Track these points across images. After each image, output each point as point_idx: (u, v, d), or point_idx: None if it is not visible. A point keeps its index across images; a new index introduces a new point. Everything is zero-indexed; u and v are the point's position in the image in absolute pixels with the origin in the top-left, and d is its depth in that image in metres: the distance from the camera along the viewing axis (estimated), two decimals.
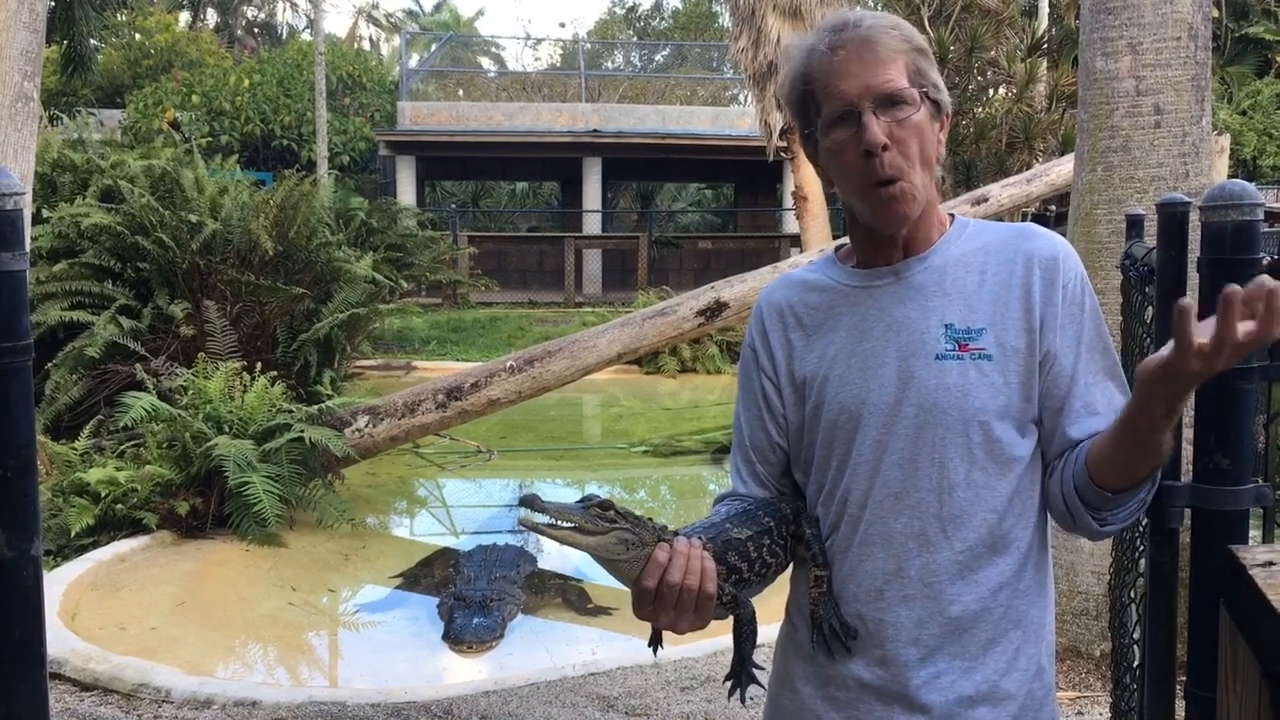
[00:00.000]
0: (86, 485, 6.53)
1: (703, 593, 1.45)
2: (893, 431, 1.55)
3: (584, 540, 1.40)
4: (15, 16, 6.39)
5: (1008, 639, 1.57)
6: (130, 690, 4.50)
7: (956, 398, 1.53)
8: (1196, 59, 4.29)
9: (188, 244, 8.53)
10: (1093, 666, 4.38)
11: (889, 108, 1.51)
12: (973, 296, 1.56)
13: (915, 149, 1.52)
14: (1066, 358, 1.54)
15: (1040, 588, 1.60)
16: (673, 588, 1.44)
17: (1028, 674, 1.58)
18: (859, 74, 1.51)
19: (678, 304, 8.51)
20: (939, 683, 1.55)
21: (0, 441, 1.35)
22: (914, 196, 1.53)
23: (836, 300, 1.64)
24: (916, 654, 1.55)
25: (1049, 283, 1.54)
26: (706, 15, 38.24)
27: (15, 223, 1.37)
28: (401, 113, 23.89)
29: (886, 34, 1.53)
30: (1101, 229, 4.41)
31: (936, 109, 1.56)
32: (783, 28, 14.47)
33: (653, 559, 1.44)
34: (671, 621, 1.47)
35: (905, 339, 1.56)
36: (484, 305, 19.18)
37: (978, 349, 1.54)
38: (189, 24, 35.00)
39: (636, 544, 1.43)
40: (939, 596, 1.55)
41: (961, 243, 1.61)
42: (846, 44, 1.53)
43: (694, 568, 1.45)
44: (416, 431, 7.99)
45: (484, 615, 5.60)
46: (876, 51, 1.52)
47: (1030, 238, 1.59)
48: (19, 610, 1.39)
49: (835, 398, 1.59)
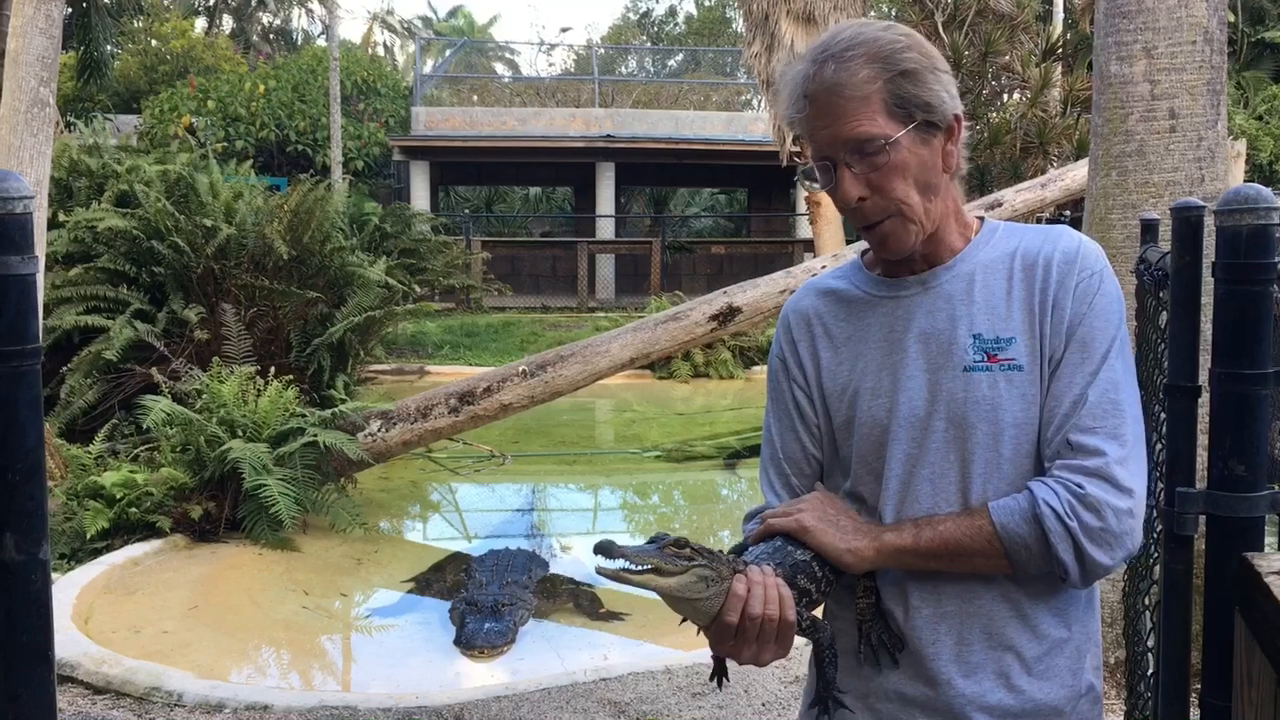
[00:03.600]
0: (101, 489, 6.55)
1: (784, 621, 1.42)
2: (924, 445, 1.53)
3: (664, 582, 1.36)
4: (32, 22, 6.43)
5: (1049, 655, 1.53)
6: (142, 694, 4.50)
7: (987, 410, 1.50)
8: (1212, 63, 4.26)
9: (203, 249, 8.56)
10: (1108, 674, 4.35)
11: (862, 156, 1.48)
12: (1001, 304, 1.53)
13: (900, 187, 1.49)
14: (1065, 358, 1.50)
15: (1082, 601, 1.57)
16: (755, 620, 1.40)
17: (1075, 689, 1.55)
18: (828, 125, 1.49)
19: (690, 309, 8.50)
20: (984, 699, 1.53)
21: (8, 445, 1.35)
22: (907, 230, 1.52)
23: (864, 310, 1.61)
24: (959, 670, 1.53)
25: (1062, 285, 1.51)
26: (720, 21, 38.31)
27: (25, 226, 1.37)
28: (415, 118, 23.95)
29: (856, 73, 1.47)
30: (1116, 234, 4.38)
31: (931, 127, 1.51)
32: (796, 33, 14.46)
33: (732, 593, 1.40)
34: (754, 655, 1.43)
35: (934, 350, 1.54)
36: (497, 310, 19.21)
37: (1007, 359, 1.50)
38: (205, 30, 35.20)
39: (715, 579, 1.39)
40: (977, 613, 1.52)
41: (990, 248, 1.57)
42: (815, 94, 1.50)
43: (772, 596, 1.41)
44: (429, 436, 8.00)
45: (496, 620, 5.60)
46: (843, 97, 1.48)
47: (1056, 239, 1.55)
48: (27, 614, 1.38)
49: (866, 411, 1.57)
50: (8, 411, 1.35)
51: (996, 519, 1.46)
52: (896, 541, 1.49)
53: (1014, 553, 1.46)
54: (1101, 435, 1.45)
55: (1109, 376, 1.48)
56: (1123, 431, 1.46)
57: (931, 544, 1.48)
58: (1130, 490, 1.45)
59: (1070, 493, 1.43)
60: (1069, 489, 1.44)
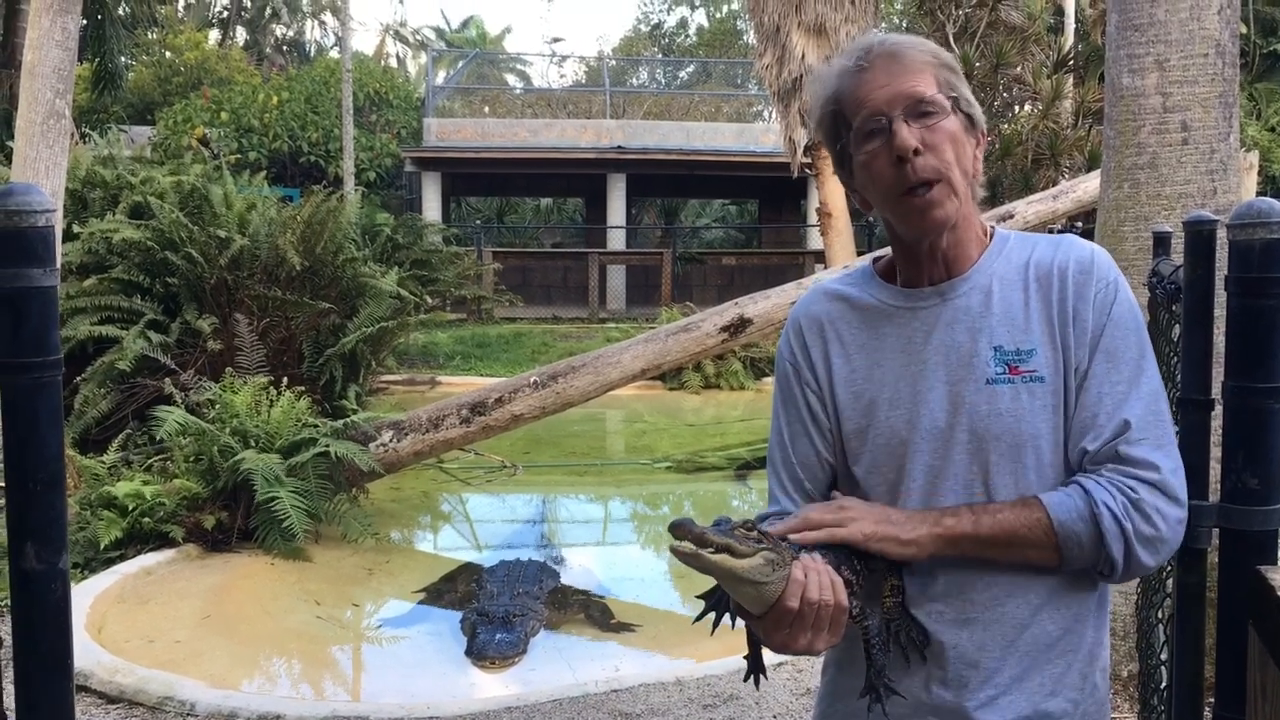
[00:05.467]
0: (114, 499, 6.58)
1: (839, 607, 1.44)
2: (948, 458, 1.54)
3: (737, 564, 1.36)
4: (48, 35, 6.48)
5: (1065, 660, 1.56)
6: (155, 703, 4.52)
7: (1010, 423, 1.51)
8: (1224, 75, 4.26)
9: (216, 259, 8.60)
10: (1120, 688, 4.34)
11: (919, 116, 1.51)
12: (1019, 316, 1.54)
13: (950, 154, 1.51)
14: (1091, 369, 1.51)
15: (1096, 607, 1.59)
16: (813, 606, 1.42)
17: (1084, 693, 1.58)
18: (886, 84, 1.52)
19: (701, 320, 8.51)
20: (997, 703, 1.54)
21: (29, 456, 1.37)
22: (949, 200, 1.52)
23: (879, 320, 1.62)
24: (977, 676, 1.55)
25: (1080, 295, 1.52)
26: (731, 32, 38.36)
27: (47, 239, 1.39)
28: (427, 129, 24.03)
29: (914, 48, 1.55)
30: (1128, 246, 4.38)
31: (970, 122, 1.56)
32: (807, 45, 14.49)
33: (792, 578, 1.41)
34: (809, 642, 1.44)
35: (954, 363, 1.55)
36: (508, 321, 19.23)
37: (1028, 371, 1.52)
38: (218, 42, 35.39)
39: (780, 564, 1.40)
40: (1000, 619, 1.54)
41: (1004, 259, 1.59)
42: (873, 60, 1.54)
43: (826, 583, 1.43)
44: (441, 446, 8.01)
45: (507, 631, 5.60)
46: (903, 63, 1.53)
47: (1068, 249, 1.57)
48: (46, 623, 1.40)
49: (885, 422, 1.58)
50: (29, 422, 1.37)
51: (1054, 514, 1.48)
52: (957, 527, 1.50)
53: (1067, 548, 1.48)
54: (1149, 446, 1.48)
55: (1150, 387, 1.51)
56: (1169, 441, 1.50)
57: (992, 531, 1.49)
58: (1182, 500, 1.49)
59: (1126, 497, 1.46)
60: (1124, 493, 1.46)
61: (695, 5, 42.85)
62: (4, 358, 1.36)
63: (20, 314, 1.36)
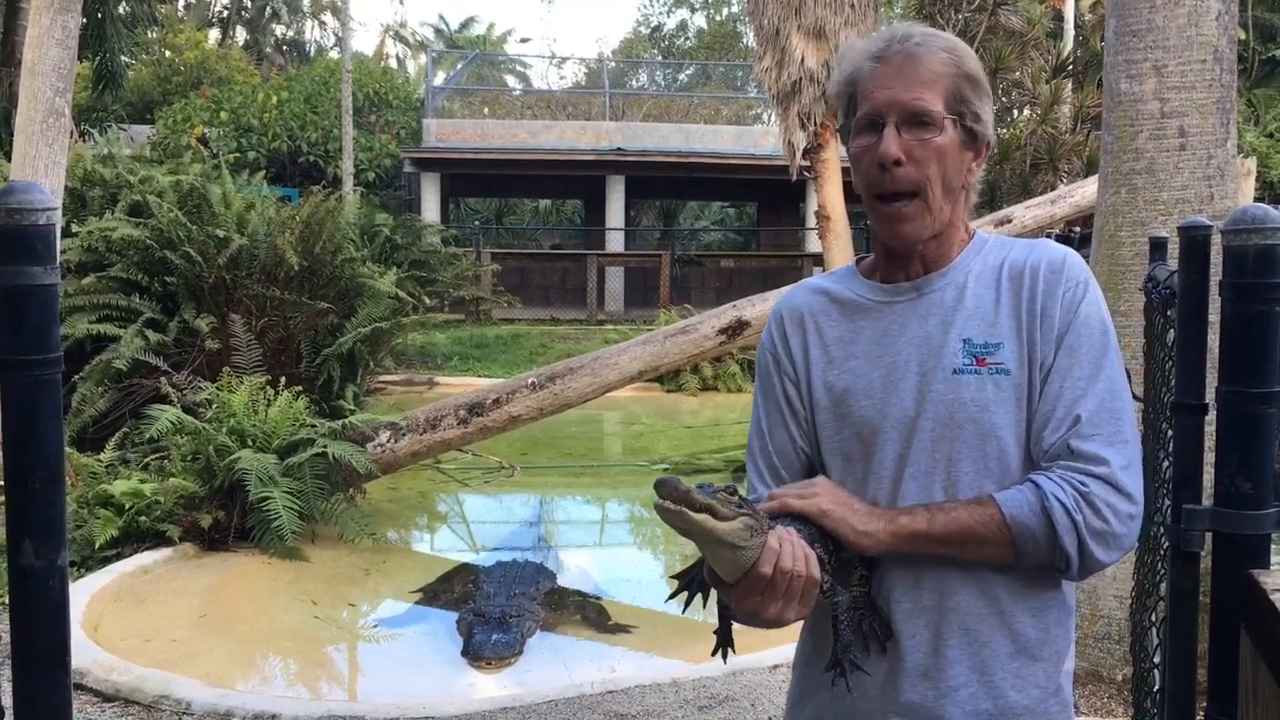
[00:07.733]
0: (111, 497, 6.58)
1: (810, 579, 1.46)
2: (912, 445, 1.57)
3: (718, 525, 1.38)
4: (48, 33, 6.48)
5: (1028, 655, 1.57)
6: (151, 702, 4.52)
7: (974, 412, 1.54)
8: (1222, 81, 4.28)
9: (214, 259, 8.60)
10: (1114, 691, 4.35)
11: (914, 126, 1.54)
12: (990, 311, 1.57)
13: (934, 170, 1.54)
14: (1054, 365, 1.54)
15: (1058, 605, 1.61)
16: (786, 575, 1.44)
17: (1045, 691, 1.59)
18: (893, 86, 1.55)
19: (699, 322, 8.52)
20: (956, 696, 1.56)
21: (29, 453, 1.37)
22: (921, 216, 1.56)
23: (858, 314, 1.66)
24: (936, 666, 1.56)
25: (1050, 294, 1.55)
26: (731, 35, 38.38)
27: (48, 238, 1.39)
28: (427, 130, 24.02)
29: (935, 55, 1.56)
30: (1125, 251, 4.39)
31: (971, 137, 1.58)
32: (806, 48, 14.48)
33: (767, 546, 1.43)
34: (779, 611, 1.46)
35: (925, 354, 1.58)
36: (506, 322, 19.22)
37: (995, 363, 1.55)
38: (218, 41, 35.41)
39: (758, 530, 1.43)
40: (957, 610, 1.56)
41: (981, 258, 1.62)
42: (892, 56, 1.56)
43: (799, 555, 1.45)
44: (438, 447, 8.02)
45: (503, 631, 5.60)
46: (918, 69, 1.55)
47: (1042, 251, 1.61)
48: (45, 620, 1.40)
49: (858, 410, 1.61)
50: (29, 419, 1.37)
51: (1006, 510, 1.50)
52: (911, 525, 1.53)
53: (1021, 544, 1.50)
54: (1101, 441, 1.50)
55: (1107, 385, 1.53)
56: (1123, 438, 1.52)
57: (945, 529, 1.51)
58: (1132, 495, 1.51)
59: (1076, 490, 1.48)
60: (1074, 487, 1.48)
61: (695, 8, 42.88)
62: (5, 355, 1.36)
63: (21, 312, 1.37)
